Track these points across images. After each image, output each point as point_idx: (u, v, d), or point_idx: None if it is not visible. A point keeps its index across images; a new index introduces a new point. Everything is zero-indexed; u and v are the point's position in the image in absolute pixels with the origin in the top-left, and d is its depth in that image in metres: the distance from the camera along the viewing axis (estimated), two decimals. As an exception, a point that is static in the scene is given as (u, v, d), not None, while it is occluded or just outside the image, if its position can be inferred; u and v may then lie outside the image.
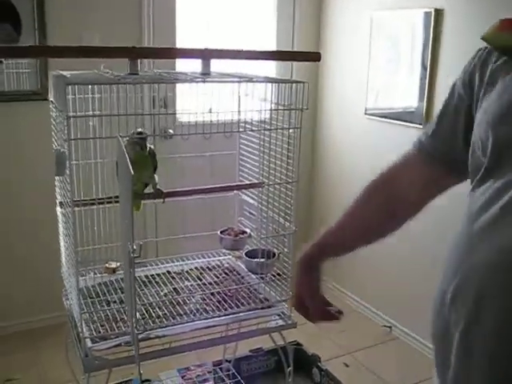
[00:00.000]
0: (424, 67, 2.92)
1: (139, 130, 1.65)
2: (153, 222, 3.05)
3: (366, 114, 3.38)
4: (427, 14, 2.87)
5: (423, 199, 1.19)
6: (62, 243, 1.77)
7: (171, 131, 3.10)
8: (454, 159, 1.09)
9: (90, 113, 1.40)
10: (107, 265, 1.84)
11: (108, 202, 1.66)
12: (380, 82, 3.26)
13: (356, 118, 3.48)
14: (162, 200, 1.77)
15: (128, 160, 1.15)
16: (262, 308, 1.76)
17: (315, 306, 1.24)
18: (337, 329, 3.27)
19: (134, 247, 1.02)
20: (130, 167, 1.12)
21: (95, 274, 1.81)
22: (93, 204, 1.55)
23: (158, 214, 3.05)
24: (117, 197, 1.69)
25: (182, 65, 2.37)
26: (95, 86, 1.52)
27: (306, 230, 4.05)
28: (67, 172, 1.38)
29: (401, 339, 3.26)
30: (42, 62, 2.75)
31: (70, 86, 1.29)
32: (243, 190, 1.97)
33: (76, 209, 1.44)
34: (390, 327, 3.34)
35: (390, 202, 1.20)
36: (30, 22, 2.70)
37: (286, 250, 1.77)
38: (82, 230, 1.60)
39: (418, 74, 2.97)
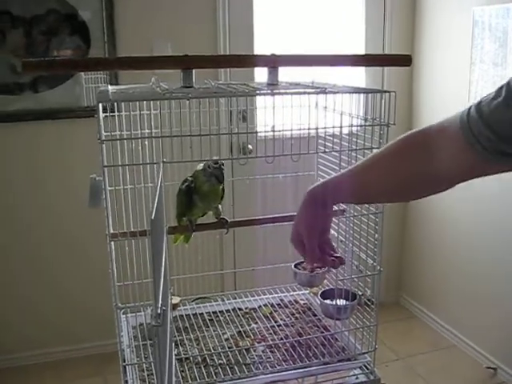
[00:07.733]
0: (537, 70, 2.51)
1: (216, 158, 1.44)
2: (218, 253, 2.82)
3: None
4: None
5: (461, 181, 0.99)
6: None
7: (250, 147, 2.89)
8: None
9: (124, 135, 1.19)
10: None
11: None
12: (484, 88, 2.86)
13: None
14: (225, 231, 1.55)
15: (163, 202, 0.91)
16: (340, 360, 1.48)
17: (312, 246, 1.10)
18: (431, 367, 2.90)
19: (159, 311, 0.78)
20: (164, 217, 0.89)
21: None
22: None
23: (224, 243, 2.83)
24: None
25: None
26: (144, 102, 1.33)
27: (397, 267, 3.73)
28: (103, 204, 1.18)
29: (508, 384, 2.83)
30: (113, 76, 2.61)
31: (100, 104, 1.09)
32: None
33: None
34: (494, 369, 2.90)
35: (427, 172, 1.00)
36: (100, 35, 2.58)
37: (369, 292, 1.48)
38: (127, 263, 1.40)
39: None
